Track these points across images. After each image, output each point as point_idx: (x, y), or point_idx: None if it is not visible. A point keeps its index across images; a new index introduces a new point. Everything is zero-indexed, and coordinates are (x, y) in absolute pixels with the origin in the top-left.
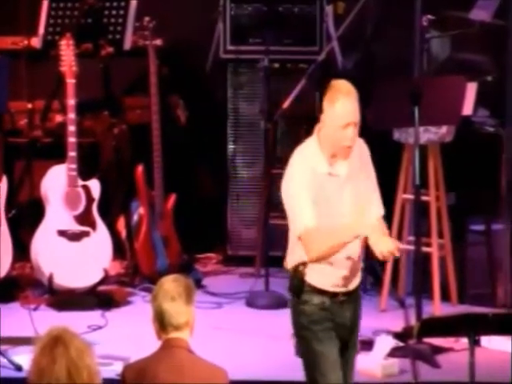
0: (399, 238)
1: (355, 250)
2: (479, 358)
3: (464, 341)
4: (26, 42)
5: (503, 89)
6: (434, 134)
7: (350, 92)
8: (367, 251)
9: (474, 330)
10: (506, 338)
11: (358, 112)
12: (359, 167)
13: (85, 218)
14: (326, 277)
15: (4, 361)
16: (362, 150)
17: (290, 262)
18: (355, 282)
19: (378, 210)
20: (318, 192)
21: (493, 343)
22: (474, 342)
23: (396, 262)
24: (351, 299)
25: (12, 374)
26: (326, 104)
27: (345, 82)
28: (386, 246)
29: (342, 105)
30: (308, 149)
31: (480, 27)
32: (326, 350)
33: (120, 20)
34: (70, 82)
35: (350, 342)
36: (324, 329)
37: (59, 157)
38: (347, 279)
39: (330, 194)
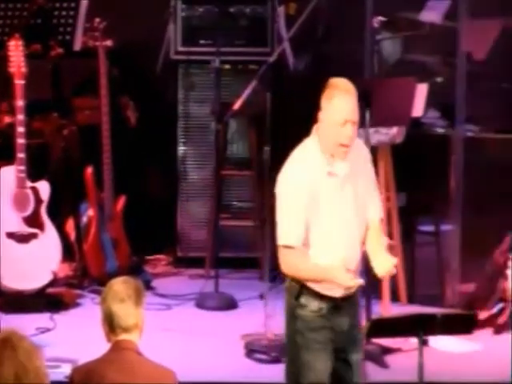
0: None
1: (354, 255)
2: (427, 359)
3: (413, 341)
4: None
5: (453, 90)
6: (384, 135)
7: (349, 89)
8: None
9: (423, 331)
10: (454, 338)
11: (357, 111)
12: (359, 168)
13: (33, 220)
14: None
15: None
16: (361, 152)
17: None
18: (353, 287)
19: (377, 212)
20: (317, 192)
21: (440, 343)
22: (423, 343)
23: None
24: (349, 304)
25: None
26: (323, 101)
27: (344, 79)
28: (383, 266)
29: (339, 101)
30: (307, 148)
31: (430, 29)
32: (315, 360)
33: (70, 21)
34: (19, 82)
35: (350, 347)
36: (320, 339)
37: (8, 158)
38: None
39: (330, 194)
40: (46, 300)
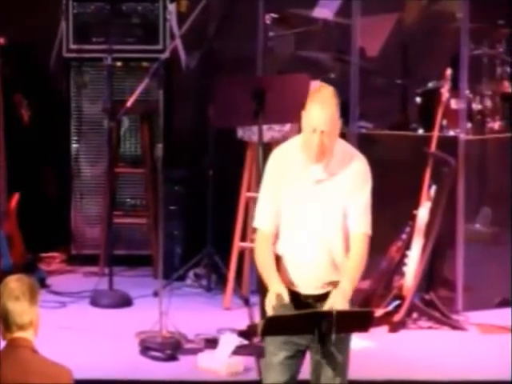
0: (243, 236)
1: (323, 255)
2: None
3: None
4: None
5: (346, 87)
6: (277, 132)
7: (326, 100)
8: None
9: (319, 328)
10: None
11: (330, 122)
12: (342, 178)
13: None
14: (291, 274)
15: None
16: (356, 167)
17: None
18: (325, 289)
19: (360, 225)
20: (286, 187)
21: None
22: (320, 340)
23: (240, 260)
24: (321, 305)
25: None
26: (306, 105)
27: (328, 88)
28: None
29: (312, 109)
30: (289, 144)
31: (323, 25)
32: (270, 348)
33: None
34: None
35: (312, 348)
36: None
37: None
38: (311, 283)
39: (297, 193)
40: None
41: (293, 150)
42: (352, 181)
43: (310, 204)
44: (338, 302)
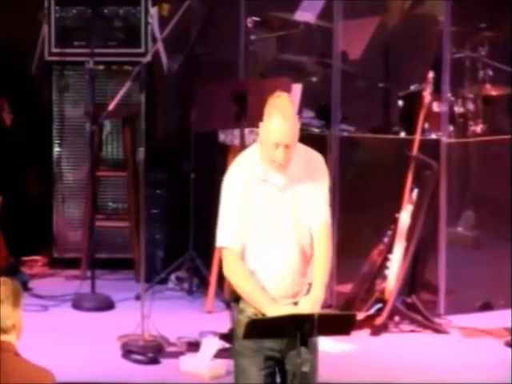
0: None
1: (291, 262)
2: None
3: None
4: None
5: (328, 90)
6: (259, 135)
7: (287, 113)
8: None
9: (301, 331)
10: (331, 338)
11: (292, 134)
12: (303, 179)
13: None
14: (266, 287)
15: None
16: (312, 163)
17: None
18: (297, 296)
19: (320, 217)
20: (254, 197)
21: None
22: (301, 343)
23: (222, 263)
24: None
25: None
26: (265, 115)
27: (285, 100)
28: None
29: (275, 124)
30: (249, 153)
31: (305, 28)
32: (249, 368)
33: None
34: None
35: (287, 358)
36: (253, 347)
37: None
38: (284, 290)
39: (266, 201)
40: None
41: (250, 161)
42: (312, 179)
43: (279, 213)
44: (307, 309)
